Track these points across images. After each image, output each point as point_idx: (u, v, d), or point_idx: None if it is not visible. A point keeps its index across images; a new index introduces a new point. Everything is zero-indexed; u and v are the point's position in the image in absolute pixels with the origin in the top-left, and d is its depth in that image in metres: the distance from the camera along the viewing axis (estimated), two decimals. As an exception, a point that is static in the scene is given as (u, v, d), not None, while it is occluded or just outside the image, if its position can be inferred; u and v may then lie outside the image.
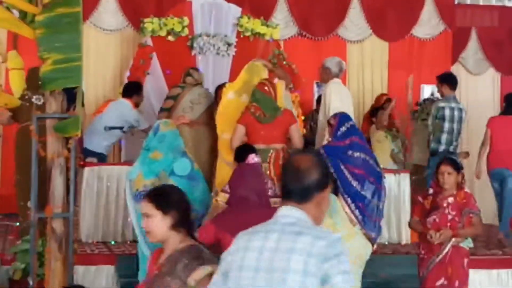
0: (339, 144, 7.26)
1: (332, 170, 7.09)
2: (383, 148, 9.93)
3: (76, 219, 7.73)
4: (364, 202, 6.87)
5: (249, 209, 4.94)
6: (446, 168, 6.55)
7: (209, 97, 9.35)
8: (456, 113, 9.61)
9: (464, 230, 6.53)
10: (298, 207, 3.10)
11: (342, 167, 7.07)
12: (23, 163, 8.50)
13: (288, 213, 3.10)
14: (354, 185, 6.91)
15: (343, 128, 7.37)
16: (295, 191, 3.11)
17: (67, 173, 6.51)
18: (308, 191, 3.11)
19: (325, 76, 8.69)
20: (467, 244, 6.64)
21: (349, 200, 6.90)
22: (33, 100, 8.61)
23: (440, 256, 6.50)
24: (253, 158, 6.53)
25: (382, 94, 11.48)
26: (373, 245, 6.71)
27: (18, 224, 8.70)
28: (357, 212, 6.83)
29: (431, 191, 6.75)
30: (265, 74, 8.55)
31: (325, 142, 7.78)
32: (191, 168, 6.99)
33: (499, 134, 9.69)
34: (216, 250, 4.66)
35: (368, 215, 6.84)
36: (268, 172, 7.24)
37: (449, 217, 6.53)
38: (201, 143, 9.06)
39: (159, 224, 3.96)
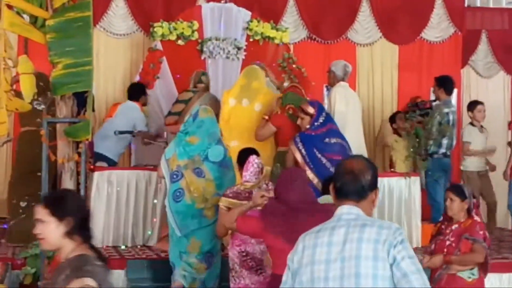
0: (316, 133, 7.41)
1: (307, 159, 7.22)
2: (396, 152, 9.84)
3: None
4: None
5: (296, 214, 4.97)
6: (449, 194, 6.25)
7: (218, 103, 9.33)
8: (455, 117, 9.81)
9: (459, 257, 6.04)
10: (356, 205, 3.47)
11: (319, 155, 7.22)
12: (23, 163, 8.57)
13: (349, 211, 3.46)
14: (332, 170, 6.98)
15: (321, 118, 7.52)
16: (352, 191, 3.49)
17: (77, 177, 6.55)
18: (363, 190, 3.49)
19: (331, 80, 8.70)
20: (469, 274, 6.08)
21: None
22: (34, 105, 8.65)
23: (432, 285, 5.77)
24: (254, 160, 6.56)
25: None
26: None
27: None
28: None
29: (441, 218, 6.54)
30: (263, 77, 8.58)
31: None
32: (224, 155, 7.36)
33: None
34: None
35: None
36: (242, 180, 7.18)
37: (447, 243, 6.14)
38: None
39: (53, 231, 3.71)
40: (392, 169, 9.73)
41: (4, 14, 5.95)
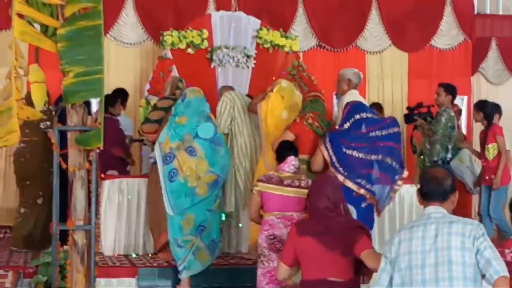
0: (341, 130, 7.59)
1: (334, 159, 7.25)
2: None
3: (97, 231, 7.76)
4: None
5: (328, 218, 5.17)
6: None
7: None
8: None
9: None
10: (440, 205, 4.31)
11: (347, 151, 7.37)
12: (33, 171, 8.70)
13: (436, 210, 4.29)
14: (361, 156, 7.33)
15: (352, 119, 7.53)
16: (437, 194, 4.32)
17: (88, 186, 6.54)
18: (446, 193, 4.34)
19: (345, 86, 8.64)
20: None
21: (357, 179, 7.27)
22: (41, 126, 8.73)
23: None
24: (291, 161, 6.93)
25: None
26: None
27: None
28: (364, 185, 7.23)
29: None
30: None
31: None
32: (214, 132, 7.66)
33: None
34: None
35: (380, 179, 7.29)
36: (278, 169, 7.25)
37: None
38: None
39: None
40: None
41: (15, 23, 5.97)
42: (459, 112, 10.78)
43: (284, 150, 7.10)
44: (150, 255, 8.77)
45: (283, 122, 8.13)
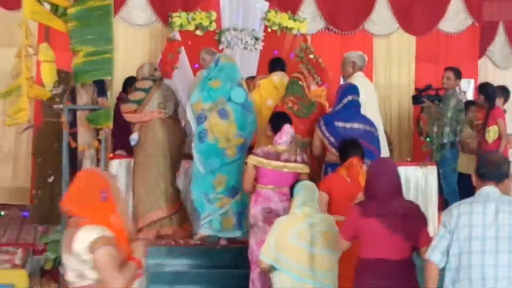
0: (335, 112, 7.77)
1: (332, 140, 7.45)
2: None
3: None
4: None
5: (391, 201, 5.24)
6: None
7: (175, 94, 9.19)
8: None
9: None
10: (496, 186, 4.73)
11: (343, 130, 7.49)
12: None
13: (493, 190, 4.70)
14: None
15: (345, 100, 7.71)
16: (495, 176, 4.73)
17: (97, 164, 6.62)
18: (502, 176, 4.75)
19: (350, 69, 8.67)
20: None
21: None
22: (54, 107, 8.79)
23: None
24: (288, 129, 7.10)
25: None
26: None
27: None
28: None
29: None
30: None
31: None
32: (245, 98, 7.96)
33: None
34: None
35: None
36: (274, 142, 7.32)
37: None
38: (175, 138, 8.74)
39: None
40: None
41: (26, 2, 6.04)
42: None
43: (279, 119, 7.30)
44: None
45: (269, 109, 8.23)
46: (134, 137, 8.30)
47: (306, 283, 5.56)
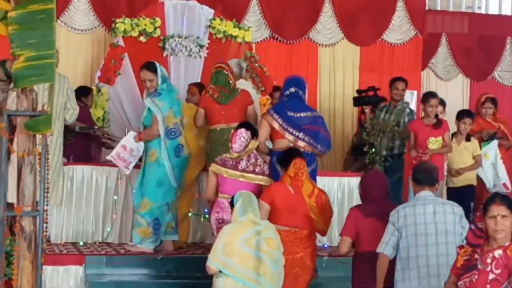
0: (281, 102, 8.01)
1: (285, 125, 7.69)
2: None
3: (45, 218, 7.67)
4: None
5: (384, 203, 6.43)
6: (499, 208, 4.69)
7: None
8: None
9: None
10: (430, 190, 5.99)
11: (293, 113, 7.74)
12: None
13: (429, 193, 5.98)
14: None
15: (287, 92, 7.92)
16: (429, 182, 6.01)
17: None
18: (434, 181, 6.04)
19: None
20: None
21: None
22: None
23: None
24: (241, 132, 7.21)
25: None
26: None
27: None
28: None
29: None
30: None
31: None
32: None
33: None
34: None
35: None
36: (231, 150, 7.39)
37: (491, 276, 4.63)
38: None
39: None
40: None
41: (-35, 5, 5.87)
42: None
43: (238, 127, 7.39)
44: (98, 243, 8.71)
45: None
46: None
47: (250, 286, 5.87)
